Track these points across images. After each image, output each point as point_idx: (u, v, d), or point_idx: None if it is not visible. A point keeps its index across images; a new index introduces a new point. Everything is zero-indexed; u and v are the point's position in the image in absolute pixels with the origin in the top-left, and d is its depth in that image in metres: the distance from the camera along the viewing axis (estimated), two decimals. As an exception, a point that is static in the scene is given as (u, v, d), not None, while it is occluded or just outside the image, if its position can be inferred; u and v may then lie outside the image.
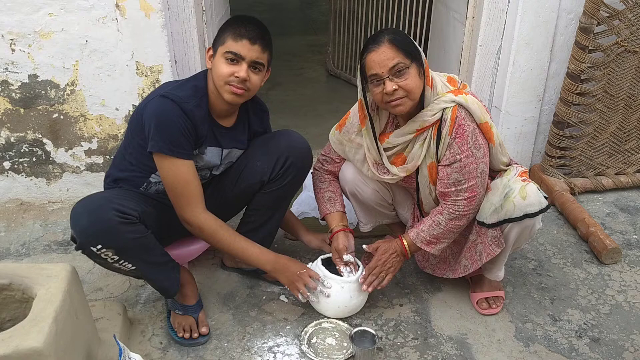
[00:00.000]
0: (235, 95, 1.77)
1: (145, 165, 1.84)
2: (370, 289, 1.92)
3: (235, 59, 1.74)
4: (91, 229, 1.60)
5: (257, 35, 1.75)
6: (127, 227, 1.63)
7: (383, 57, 1.70)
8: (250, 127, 2.01)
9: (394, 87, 1.71)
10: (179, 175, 1.76)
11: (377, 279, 1.93)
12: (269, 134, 2.08)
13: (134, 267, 1.74)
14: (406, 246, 1.93)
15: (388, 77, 1.71)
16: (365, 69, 1.75)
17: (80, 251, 1.65)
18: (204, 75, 1.86)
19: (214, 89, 1.81)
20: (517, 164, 1.97)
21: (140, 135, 1.77)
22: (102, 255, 1.65)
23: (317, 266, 1.97)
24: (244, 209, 2.14)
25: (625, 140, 2.77)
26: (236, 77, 1.74)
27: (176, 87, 1.81)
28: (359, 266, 1.98)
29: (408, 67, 1.71)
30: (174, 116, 1.71)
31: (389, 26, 3.93)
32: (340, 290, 1.91)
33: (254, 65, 1.77)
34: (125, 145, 1.90)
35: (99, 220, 1.60)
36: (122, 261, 1.69)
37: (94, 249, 1.62)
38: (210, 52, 1.81)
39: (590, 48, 2.50)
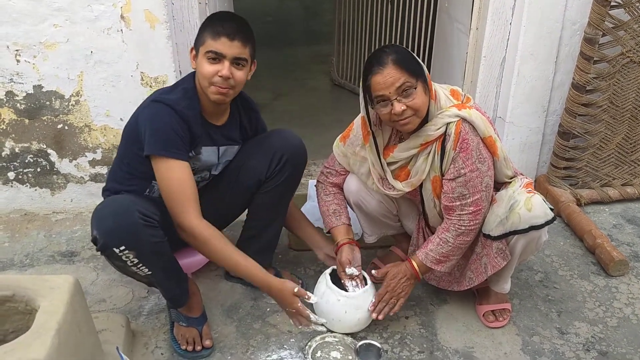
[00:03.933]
0: (221, 95, 1.77)
1: (144, 173, 1.81)
2: (381, 317, 1.89)
3: (216, 57, 1.72)
4: (117, 230, 1.61)
5: (235, 31, 1.72)
6: (150, 230, 1.64)
7: (389, 78, 1.67)
8: (242, 124, 2.01)
9: (402, 107, 1.69)
10: (173, 176, 1.72)
11: (387, 306, 1.90)
12: (263, 134, 2.08)
13: (150, 272, 1.73)
14: (416, 268, 1.90)
15: (396, 98, 1.69)
16: (371, 90, 1.73)
17: (100, 252, 1.66)
18: (192, 76, 1.85)
19: (202, 89, 1.80)
20: (522, 174, 1.95)
21: (137, 144, 1.76)
22: (123, 257, 1.65)
23: (324, 276, 1.96)
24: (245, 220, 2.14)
25: (632, 151, 2.75)
26: (219, 76, 1.73)
27: (166, 91, 1.82)
28: (365, 280, 1.97)
29: (415, 87, 1.69)
30: (167, 118, 1.71)
31: (393, 37, 3.93)
32: (336, 303, 1.89)
33: (236, 62, 1.75)
34: (121, 157, 1.89)
35: (124, 221, 1.61)
36: (141, 265, 1.69)
37: (117, 250, 1.62)
38: (193, 52, 1.81)
39: (595, 59, 2.49)
